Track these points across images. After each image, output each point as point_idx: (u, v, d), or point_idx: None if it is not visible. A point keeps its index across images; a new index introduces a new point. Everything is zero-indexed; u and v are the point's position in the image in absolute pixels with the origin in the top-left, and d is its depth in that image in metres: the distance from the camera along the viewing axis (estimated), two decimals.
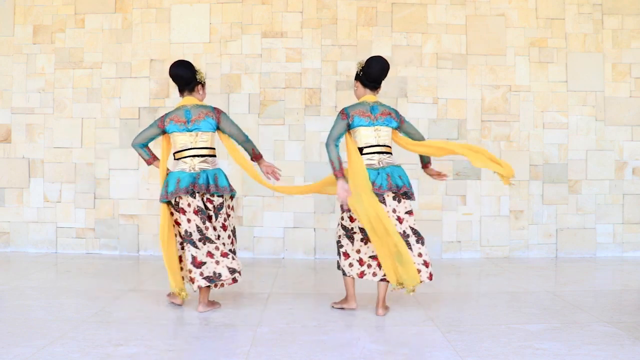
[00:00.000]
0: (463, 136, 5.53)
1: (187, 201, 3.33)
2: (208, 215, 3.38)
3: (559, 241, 5.59)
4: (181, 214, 3.35)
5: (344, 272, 3.46)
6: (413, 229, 3.34)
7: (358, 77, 3.45)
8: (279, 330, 3.04)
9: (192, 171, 3.36)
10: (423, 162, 3.62)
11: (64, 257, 5.32)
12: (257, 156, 3.60)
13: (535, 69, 5.58)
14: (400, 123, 3.43)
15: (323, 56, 5.53)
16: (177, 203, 3.36)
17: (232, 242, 3.50)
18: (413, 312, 3.42)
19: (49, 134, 5.59)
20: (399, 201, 3.34)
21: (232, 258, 3.37)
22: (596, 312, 3.39)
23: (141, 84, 5.56)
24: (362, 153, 3.34)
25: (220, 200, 3.42)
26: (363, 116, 3.34)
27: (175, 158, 3.45)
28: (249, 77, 5.55)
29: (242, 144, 3.54)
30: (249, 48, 5.55)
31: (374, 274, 3.39)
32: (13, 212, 5.61)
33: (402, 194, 3.33)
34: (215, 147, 3.49)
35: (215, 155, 3.48)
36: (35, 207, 5.60)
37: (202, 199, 3.36)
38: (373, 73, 3.38)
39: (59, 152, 5.59)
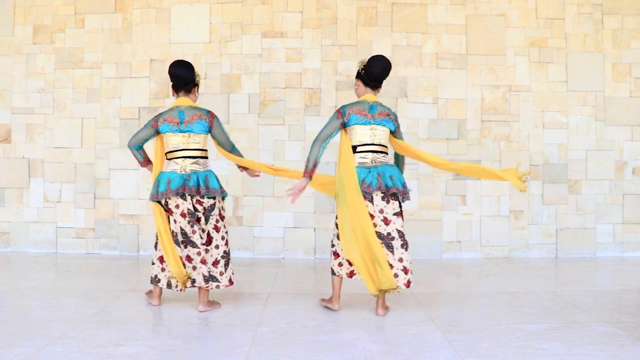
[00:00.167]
0: (463, 136, 5.53)
1: (176, 202, 3.35)
2: (197, 217, 3.39)
3: (559, 241, 5.59)
4: (169, 214, 3.38)
5: (333, 272, 3.45)
6: (399, 232, 3.29)
7: (359, 76, 3.44)
8: (279, 330, 3.04)
9: (183, 172, 3.37)
10: (395, 160, 3.59)
11: (64, 257, 5.32)
12: (244, 168, 3.63)
13: (535, 69, 5.58)
14: (397, 127, 3.44)
15: (323, 56, 5.53)
16: (167, 203, 3.38)
17: (227, 243, 3.50)
18: (413, 312, 3.42)
19: (49, 134, 5.59)
20: (388, 202, 3.30)
21: (221, 264, 3.39)
22: (596, 312, 3.39)
23: (141, 84, 5.56)
24: (357, 151, 3.34)
25: (211, 202, 3.41)
26: (360, 114, 3.33)
27: (167, 158, 3.46)
28: (249, 77, 5.55)
29: (228, 154, 3.54)
30: (249, 48, 5.55)
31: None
32: (13, 212, 5.62)
33: (391, 195, 3.31)
34: (207, 149, 3.51)
35: (207, 157, 3.50)
36: (35, 207, 5.60)
37: (192, 201, 3.37)
38: (375, 72, 3.37)
39: (59, 152, 5.59)
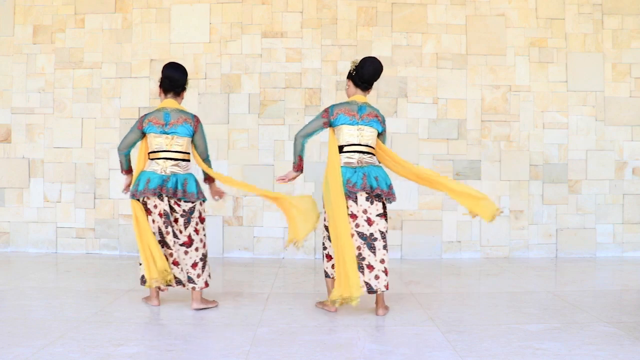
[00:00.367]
0: (463, 136, 5.53)
1: (154, 202, 3.37)
2: (175, 218, 3.40)
3: (559, 241, 5.59)
4: (147, 214, 3.40)
5: (326, 274, 3.46)
6: (382, 233, 3.29)
7: (350, 76, 3.45)
8: (279, 330, 3.04)
9: (163, 173, 3.39)
10: None
11: (64, 257, 5.32)
12: (210, 179, 3.65)
13: (535, 69, 5.58)
14: (384, 130, 3.45)
15: (323, 56, 5.53)
16: (145, 203, 3.40)
17: (204, 246, 3.51)
18: (413, 312, 3.42)
19: (49, 134, 5.59)
20: (372, 202, 3.30)
21: (199, 267, 3.42)
22: (596, 312, 3.39)
23: (141, 84, 5.56)
24: (343, 151, 3.35)
25: (189, 205, 3.42)
26: (348, 114, 3.34)
27: (149, 158, 3.48)
28: (249, 77, 5.55)
29: (201, 161, 3.54)
30: (249, 48, 5.55)
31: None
32: (13, 212, 5.61)
33: (376, 196, 3.30)
34: (189, 152, 3.52)
35: (189, 160, 3.51)
36: (35, 207, 5.60)
37: (170, 202, 3.39)
38: (366, 74, 3.38)
39: (59, 152, 5.59)
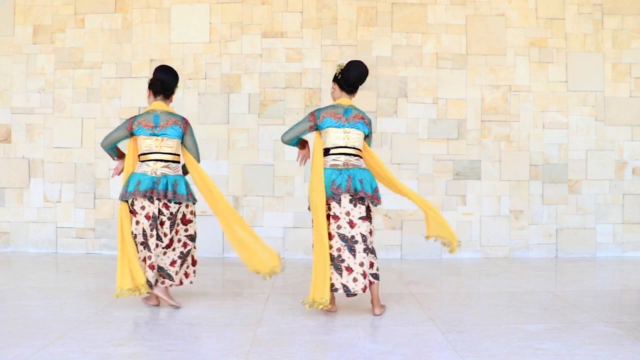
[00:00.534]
0: (463, 136, 5.53)
1: (142, 204, 3.38)
2: (161, 221, 3.42)
3: (559, 241, 5.58)
4: (133, 216, 3.41)
5: None
6: (363, 236, 3.28)
7: (336, 80, 3.48)
8: (279, 330, 3.04)
9: (154, 175, 3.40)
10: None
11: (64, 257, 5.32)
12: (185, 172, 3.64)
13: (535, 69, 5.58)
14: (370, 132, 3.46)
15: (323, 56, 5.53)
16: (132, 204, 3.40)
17: (185, 246, 3.52)
18: (413, 312, 3.42)
19: (49, 134, 5.59)
20: (355, 205, 3.30)
21: (177, 265, 3.47)
22: (596, 312, 3.39)
23: (141, 84, 5.55)
24: (329, 153, 3.37)
25: (177, 206, 3.45)
26: (334, 117, 3.37)
27: (139, 160, 3.49)
28: (249, 77, 5.55)
29: (194, 166, 3.54)
30: (249, 48, 5.55)
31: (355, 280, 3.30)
32: (13, 212, 5.61)
33: (359, 199, 3.31)
34: (179, 154, 3.54)
35: (179, 161, 3.53)
36: (35, 207, 5.60)
37: (159, 205, 3.40)
38: (351, 77, 3.41)
39: (59, 152, 5.59)
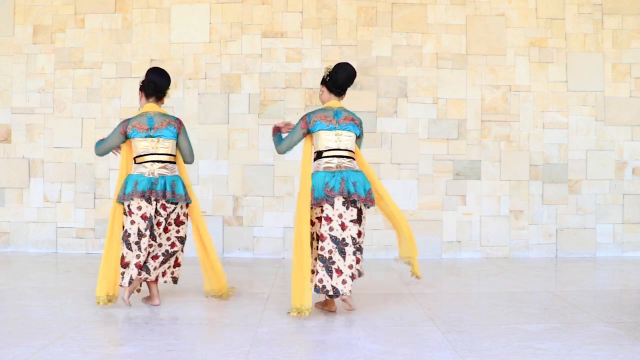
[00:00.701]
0: (463, 136, 5.53)
1: (139, 204, 3.38)
2: (157, 222, 3.43)
3: (559, 241, 5.58)
4: (128, 215, 3.41)
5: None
6: (354, 239, 3.30)
7: (324, 82, 3.49)
8: (279, 330, 3.04)
9: (151, 176, 3.41)
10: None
11: (64, 257, 5.32)
12: None
13: (535, 69, 5.58)
14: (361, 132, 3.48)
15: (323, 56, 5.53)
16: (129, 205, 3.41)
17: (172, 246, 3.53)
18: (413, 312, 3.42)
19: (49, 134, 5.59)
20: (347, 207, 3.30)
21: (159, 261, 3.47)
22: (596, 312, 3.39)
23: None
24: (322, 156, 3.38)
25: (173, 207, 3.47)
26: (325, 120, 3.38)
27: (135, 162, 3.50)
28: (249, 77, 5.55)
29: (183, 169, 3.60)
30: (249, 48, 5.55)
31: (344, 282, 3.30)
32: (13, 212, 5.61)
33: (352, 201, 3.31)
34: (175, 154, 3.56)
35: (175, 162, 3.55)
36: (35, 207, 5.60)
37: (157, 206, 3.41)
38: (339, 80, 3.43)
39: (59, 152, 5.59)
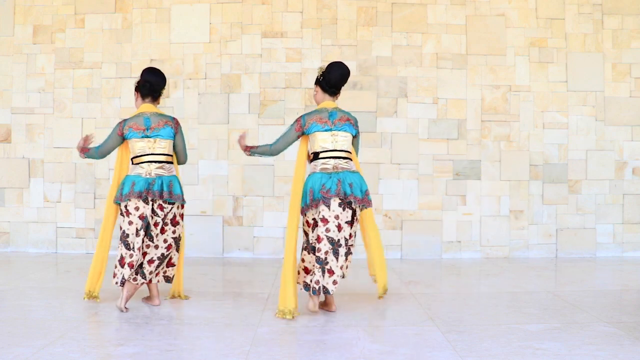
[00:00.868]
0: (463, 136, 5.53)
1: (136, 205, 3.39)
2: (155, 222, 3.43)
3: (559, 241, 5.58)
4: (125, 216, 3.41)
5: (306, 286, 3.48)
6: (346, 240, 3.31)
7: (318, 82, 3.48)
8: (279, 330, 3.04)
9: (148, 176, 3.42)
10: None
11: (64, 257, 5.32)
12: None
13: (535, 69, 5.58)
14: (357, 132, 3.47)
15: (323, 56, 5.53)
16: (126, 205, 3.41)
17: (169, 248, 3.53)
18: (413, 312, 3.42)
19: (49, 134, 5.59)
20: (344, 209, 3.30)
21: (154, 265, 3.46)
22: (596, 312, 3.39)
23: None
24: (319, 157, 3.37)
25: (170, 207, 3.48)
26: (320, 122, 3.38)
27: (132, 163, 3.51)
28: (249, 77, 5.55)
29: (178, 163, 3.64)
30: (249, 48, 5.55)
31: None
32: (13, 212, 5.61)
33: (348, 203, 3.31)
34: (172, 154, 3.57)
35: (172, 162, 3.55)
36: (35, 207, 5.60)
37: (154, 206, 3.41)
38: (332, 79, 3.42)
39: (59, 152, 5.58)
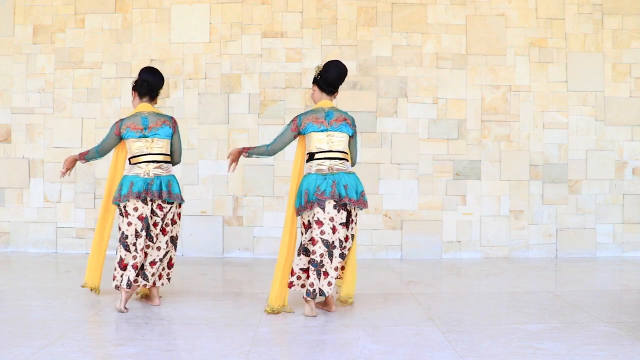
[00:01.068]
0: (463, 136, 5.52)
1: (135, 205, 3.38)
2: (154, 222, 3.43)
3: (559, 241, 5.58)
4: (124, 217, 3.41)
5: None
6: (340, 241, 3.31)
7: (315, 81, 3.47)
8: (279, 330, 3.04)
9: (146, 176, 3.41)
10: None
11: (64, 257, 5.32)
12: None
13: (535, 69, 5.58)
14: (354, 132, 3.46)
15: (323, 56, 5.52)
16: (125, 206, 3.41)
17: (167, 246, 3.54)
18: (413, 312, 3.42)
19: (49, 134, 5.59)
20: (338, 211, 3.30)
21: (157, 266, 3.47)
22: (596, 312, 3.39)
23: None
24: (314, 158, 3.36)
25: (169, 207, 3.48)
26: (316, 122, 3.37)
27: (130, 163, 3.50)
28: (249, 77, 5.55)
29: (173, 162, 3.63)
30: (249, 48, 5.55)
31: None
32: (13, 212, 5.61)
33: (342, 205, 3.31)
34: (170, 154, 3.56)
35: (170, 161, 3.55)
36: (35, 207, 5.60)
37: (153, 206, 3.41)
38: (330, 77, 3.41)
39: (59, 152, 5.58)
